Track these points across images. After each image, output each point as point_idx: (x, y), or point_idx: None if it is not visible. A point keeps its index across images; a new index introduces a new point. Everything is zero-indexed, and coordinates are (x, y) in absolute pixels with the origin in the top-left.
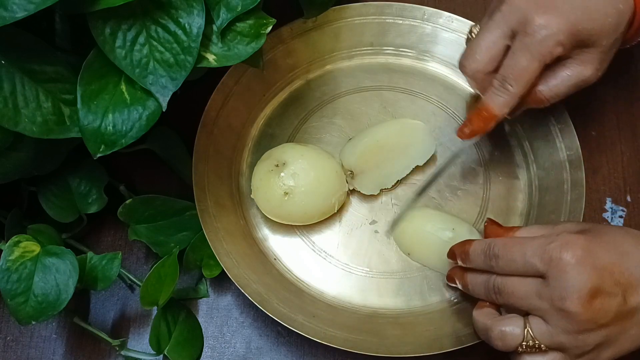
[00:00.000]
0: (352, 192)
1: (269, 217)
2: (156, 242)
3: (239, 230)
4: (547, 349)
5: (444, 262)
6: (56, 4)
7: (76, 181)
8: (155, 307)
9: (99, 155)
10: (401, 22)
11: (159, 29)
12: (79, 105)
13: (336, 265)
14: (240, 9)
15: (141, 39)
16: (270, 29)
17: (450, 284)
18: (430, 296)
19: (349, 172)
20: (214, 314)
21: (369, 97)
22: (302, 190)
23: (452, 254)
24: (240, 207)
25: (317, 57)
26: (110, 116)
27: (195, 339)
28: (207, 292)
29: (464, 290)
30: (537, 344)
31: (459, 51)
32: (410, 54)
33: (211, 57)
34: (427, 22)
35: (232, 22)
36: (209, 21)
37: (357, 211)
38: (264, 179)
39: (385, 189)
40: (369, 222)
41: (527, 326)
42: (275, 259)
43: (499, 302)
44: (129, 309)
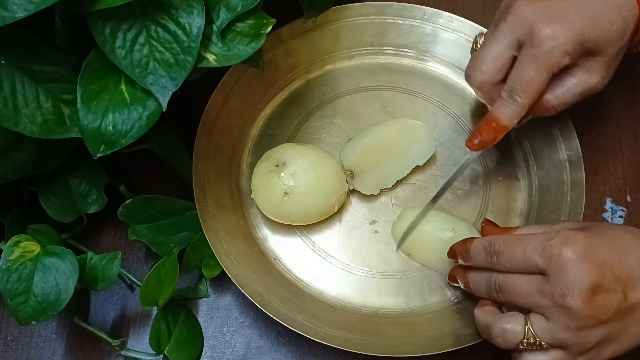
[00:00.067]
0: (352, 192)
1: (269, 217)
2: (156, 242)
3: (239, 230)
4: (548, 347)
5: (444, 262)
6: (56, 4)
7: (76, 181)
8: (155, 307)
9: (99, 155)
10: (401, 22)
11: (159, 29)
12: (79, 105)
13: (336, 265)
14: (240, 9)
15: (141, 39)
16: (270, 29)
17: (452, 284)
18: (430, 296)
19: (349, 172)
20: (214, 314)
21: (369, 97)
22: (302, 190)
23: (453, 252)
24: (240, 207)
25: (317, 57)
26: (110, 116)
27: (195, 339)
28: (207, 292)
29: (465, 289)
30: (538, 341)
31: (459, 51)
32: (410, 54)
33: (211, 57)
34: (427, 22)
35: (232, 22)
36: (209, 21)
37: (357, 211)
38: (264, 179)
39: (385, 189)
40: (369, 222)
41: (528, 323)
42: (275, 259)
43: (500, 299)
44: (129, 309)
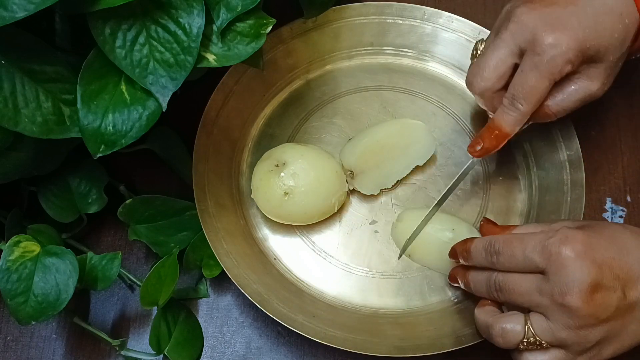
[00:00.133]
0: (352, 192)
1: (269, 217)
2: (156, 242)
3: (239, 230)
4: (548, 346)
5: (445, 263)
6: (56, 4)
7: (76, 181)
8: (155, 307)
9: (99, 155)
10: (401, 22)
11: (159, 29)
12: (79, 105)
13: (336, 265)
14: (240, 9)
15: (141, 39)
16: (270, 29)
17: (452, 284)
18: (430, 296)
19: (349, 172)
20: (214, 314)
21: (369, 97)
22: (302, 190)
23: (454, 252)
24: (240, 207)
25: (317, 57)
26: (110, 116)
27: (195, 339)
28: (207, 292)
29: (466, 289)
30: (538, 340)
31: (459, 51)
32: (410, 54)
33: (211, 57)
34: (427, 22)
35: (232, 22)
36: (209, 21)
37: (357, 211)
38: (264, 179)
39: (385, 189)
40: (369, 222)
41: (528, 323)
42: (275, 259)
43: (500, 299)
44: (129, 309)
